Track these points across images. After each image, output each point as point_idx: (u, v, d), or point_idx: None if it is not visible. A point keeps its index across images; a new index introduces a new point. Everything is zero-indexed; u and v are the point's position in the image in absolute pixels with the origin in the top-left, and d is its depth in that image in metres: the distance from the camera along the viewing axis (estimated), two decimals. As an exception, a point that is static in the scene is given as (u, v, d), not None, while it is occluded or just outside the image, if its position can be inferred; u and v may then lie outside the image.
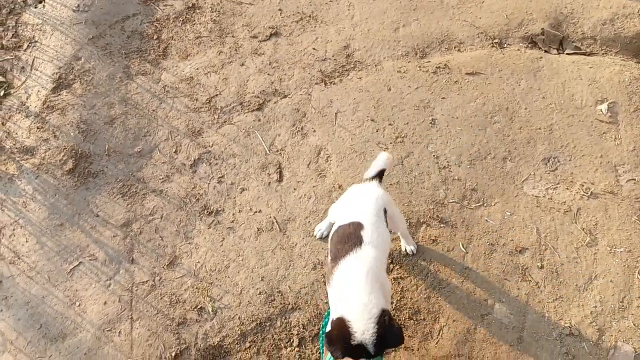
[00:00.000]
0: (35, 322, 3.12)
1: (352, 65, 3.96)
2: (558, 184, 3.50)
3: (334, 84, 3.89)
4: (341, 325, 2.37)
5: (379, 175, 2.95)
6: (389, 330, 2.35)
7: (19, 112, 3.69)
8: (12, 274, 3.25)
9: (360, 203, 2.81)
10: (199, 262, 3.30)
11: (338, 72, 3.94)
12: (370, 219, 2.69)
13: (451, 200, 3.44)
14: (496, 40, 4.04)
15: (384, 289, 2.52)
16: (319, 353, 2.99)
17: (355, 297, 2.42)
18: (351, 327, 2.33)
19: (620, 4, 4.13)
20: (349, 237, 2.62)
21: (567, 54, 4.01)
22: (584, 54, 4.01)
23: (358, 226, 2.65)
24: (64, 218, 3.40)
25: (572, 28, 4.10)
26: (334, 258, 2.62)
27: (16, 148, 3.64)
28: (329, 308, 2.85)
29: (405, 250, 3.25)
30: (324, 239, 3.32)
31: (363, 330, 2.32)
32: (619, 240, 3.31)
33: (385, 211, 2.81)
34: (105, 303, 3.17)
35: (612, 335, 3.01)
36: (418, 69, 3.89)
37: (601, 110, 3.72)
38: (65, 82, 3.81)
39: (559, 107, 3.75)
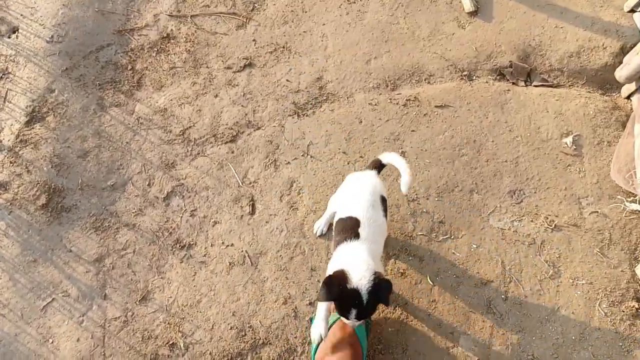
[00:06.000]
0: (6, 361, 3.14)
1: (325, 97, 4.03)
2: (523, 216, 3.59)
3: (306, 115, 3.95)
4: (340, 273, 2.54)
5: (379, 167, 3.06)
6: (382, 281, 2.52)
7: (-8, 146, 3.71)
8: (-17, 311, 3.27)
9: (357, 194, 2.90)
10: (171, 297, 3.34)
11: (311, 104, 4.00)
12: (367, 214, 2.79)
13: (419, 233, 3.52)
14: (465, 73, 4.13)
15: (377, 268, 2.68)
16: (289, 387, 3.06)
17: (354, 256, 2.62)
18: (349, 274, 2.50)
19: (586, 38, 4.24)
20: (348, 232, 2.75)
21: (535, 85, 4.11)
22: (550, 85, 4.12)
23: (355, 222, 2.77)
24: (37, 254, 3.43)
25: (540, 60, 4.20)
26: (336, 245, 2.79)
27: (-11, 182, 3.66)
28: (313, 313, 2.96)
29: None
30: (323, 236, 3.47)
31: (360, 276, 2.48)
32: (581, 273, 3.41)
33: (383, 199, 2.93)
34: (78, 340, 3.20)
35: (572, 367, 3.11)
36: (389, 101, 3.97)
37: (566, 143, 3.83)
38: (39, 115, 3.83)
39: (525, 140, 3.85)
